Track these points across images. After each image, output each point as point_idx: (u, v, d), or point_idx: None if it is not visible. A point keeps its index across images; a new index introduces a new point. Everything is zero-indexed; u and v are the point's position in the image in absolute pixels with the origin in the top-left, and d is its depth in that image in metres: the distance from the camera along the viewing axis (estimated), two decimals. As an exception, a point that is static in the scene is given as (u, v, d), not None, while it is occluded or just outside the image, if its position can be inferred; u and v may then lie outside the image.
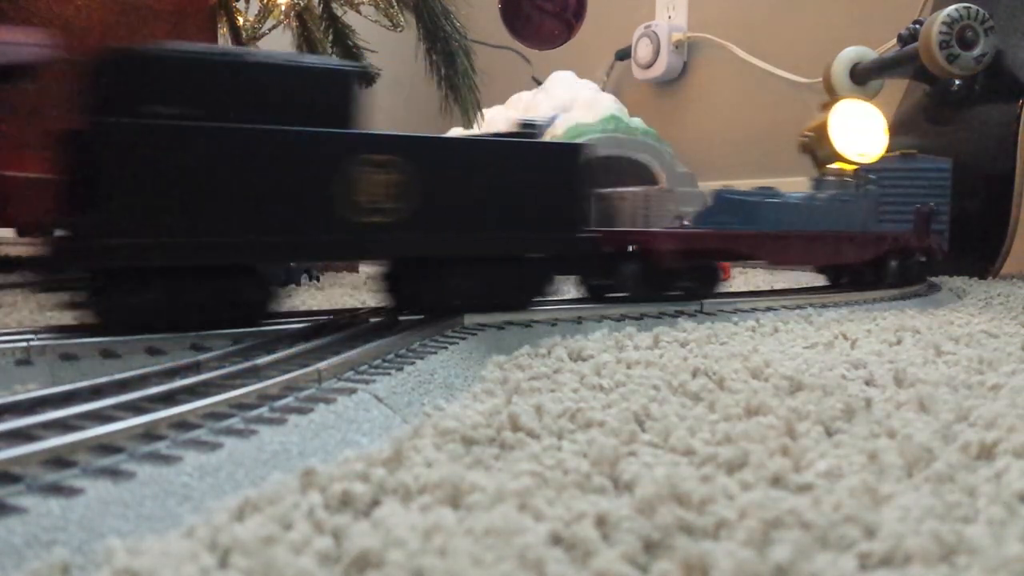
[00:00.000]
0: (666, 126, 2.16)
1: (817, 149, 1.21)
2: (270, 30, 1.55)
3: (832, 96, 1.68)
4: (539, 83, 2.11)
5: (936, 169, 1.28)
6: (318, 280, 1.34)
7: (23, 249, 1.10)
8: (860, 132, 1.19)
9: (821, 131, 1.21)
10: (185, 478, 0.34)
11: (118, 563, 0.26)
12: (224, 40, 1.54)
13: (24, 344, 0.53)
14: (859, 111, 1.22)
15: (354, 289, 1.25)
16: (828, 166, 1.15)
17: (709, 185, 1.27)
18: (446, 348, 0.61)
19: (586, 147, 0.76)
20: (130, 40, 1.37)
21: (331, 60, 1.12)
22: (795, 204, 0.99)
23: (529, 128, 0.74)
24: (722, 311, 0.85)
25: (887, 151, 1.23)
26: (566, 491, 0.33)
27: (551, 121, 0.78)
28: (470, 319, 0.70)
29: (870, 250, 1.07)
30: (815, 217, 1.00)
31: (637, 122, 1.94)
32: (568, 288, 0.89)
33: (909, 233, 1.14)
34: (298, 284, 1.28)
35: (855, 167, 1.13)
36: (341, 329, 0.62)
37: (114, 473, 0.34)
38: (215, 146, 0.57)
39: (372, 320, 0.66)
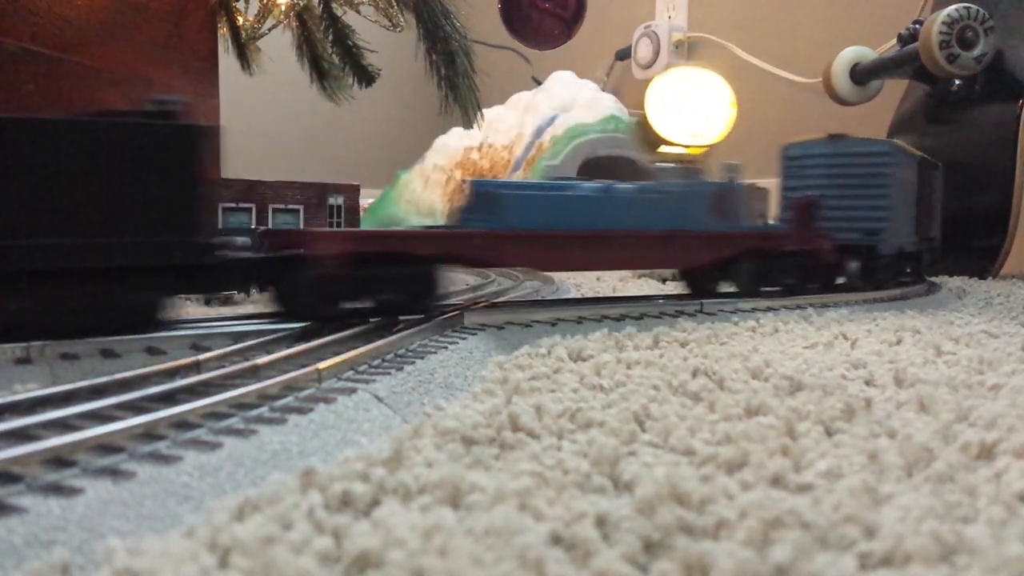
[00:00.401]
0: (666, 126, 2.16)
1: (644, 130, 0.97)
2: (270, 30, 1.55)
3: (833, 97, 1.68)
4: (539, 83, 2.11)
5: (872, 153, 1.06)
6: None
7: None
8: (694, 108, 0.94)
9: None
10: (185, 478, 0.35)
11: (118, 563, 0.26)
12: (224, 40, 1.54)
13: (24, 344, 0.53)
14: (692, 82, 0.96)
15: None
16: (662, 150, 0.93)
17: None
18: (446, 348, 0.61)
19: (210, 129, 0.60)
20: (130, 40, 1.37)
21: None
22: (587, 198, 0.81)
23: (161, 104, 0.58)
24: (722, 311, 0.85)
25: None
26: (566, 491, 0.33)
27: (176, 100, 0.57)
28: (470, 319, 0.70)
29: (709, 252, 0.88)
30: (618, 213, 0.82)
31: (637, 122, 1.94)
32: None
33: (782, 231, 0.95)
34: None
35: (702, 151, 0.93)
36: (341, 329, 0.62)
37: (114, 473, 0.34)
38: None
39: (372, 320, 0.66)
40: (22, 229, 0.53)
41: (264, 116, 2.39)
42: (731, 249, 0.89)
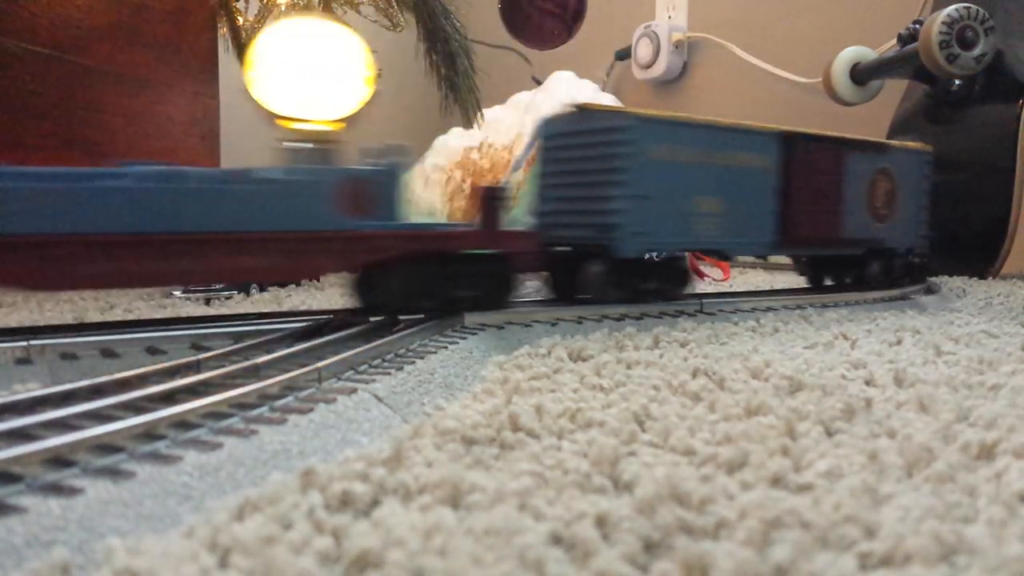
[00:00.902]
0: (666, 126, 2.16)
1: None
2: (270, 30, 1.55)
3: (833, 97, 1.68)
4: (539, 83, 2.11)
5: (608, 129, 0.80)
6: (318, 280, 1.34)
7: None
8: (315, 72, 0.70)
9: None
10: (185, 478, 0.35)
11: (118, 563, 0.26)
12: (224, 40, 1.54)
13: (24, 343, 0.53)
14: (311, 38, 0.70)
15: (354, 289, 1.25)
16: (294, 127, 0.71)
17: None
18: (446, 348, 0.61)
19: None
20: (130, 40, 1.37)
21: None
22: (130, 191, 0.57)
23: None
24: (722, 311, 0.85)
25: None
26: (566, 491, 0.33)
27: None
28: (470, 319, 0.70)
29: (335, 260, 0.66)
30: (187, 210, 0.59)
31: (637, 122, 1.93)
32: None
33: (456, 231, 0.74)
34: (298, 284, 1.29)
35: (338, 127, 0.71)
36: (341, 329, 0.62)
37: (114, 473, 0.34)
38: None
39: (372, 319, 0.66)
40: None
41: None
42: (371, 254, 0.67)
